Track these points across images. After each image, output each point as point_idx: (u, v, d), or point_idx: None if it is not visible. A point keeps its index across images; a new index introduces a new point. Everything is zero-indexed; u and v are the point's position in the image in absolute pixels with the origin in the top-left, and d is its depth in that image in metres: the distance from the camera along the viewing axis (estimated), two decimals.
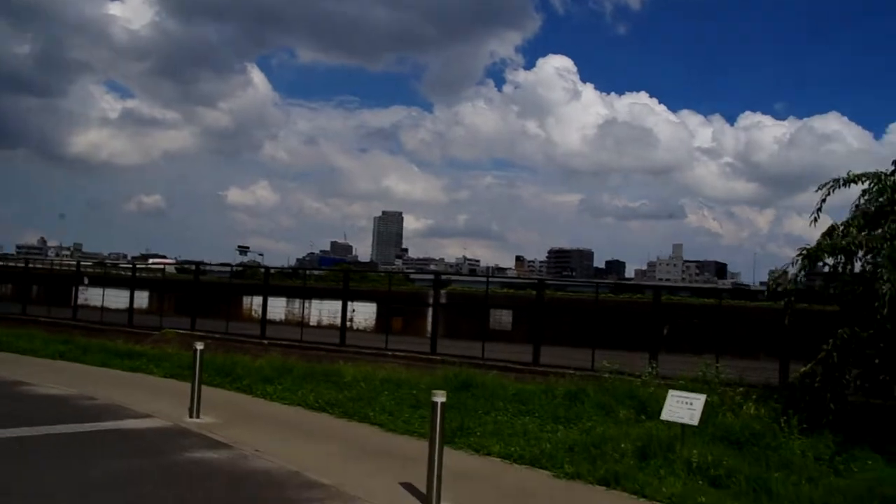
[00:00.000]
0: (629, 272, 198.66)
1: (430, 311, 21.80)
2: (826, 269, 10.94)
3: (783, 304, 10.66)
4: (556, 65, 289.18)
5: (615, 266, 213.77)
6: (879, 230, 9.67)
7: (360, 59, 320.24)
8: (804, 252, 9.98)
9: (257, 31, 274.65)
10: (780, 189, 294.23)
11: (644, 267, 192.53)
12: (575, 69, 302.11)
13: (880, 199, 9.98)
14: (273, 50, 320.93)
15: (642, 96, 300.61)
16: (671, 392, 8.41)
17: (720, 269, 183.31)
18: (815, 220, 10.68)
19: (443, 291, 23.77)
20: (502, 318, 25.23)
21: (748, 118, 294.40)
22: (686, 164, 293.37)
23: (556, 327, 18.23)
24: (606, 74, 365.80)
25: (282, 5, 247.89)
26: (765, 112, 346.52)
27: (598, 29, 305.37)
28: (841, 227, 10.30)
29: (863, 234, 9.58)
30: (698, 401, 8.06)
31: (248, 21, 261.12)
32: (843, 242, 9.69)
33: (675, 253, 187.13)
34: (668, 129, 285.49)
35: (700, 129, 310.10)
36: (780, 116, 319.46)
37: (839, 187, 10.58)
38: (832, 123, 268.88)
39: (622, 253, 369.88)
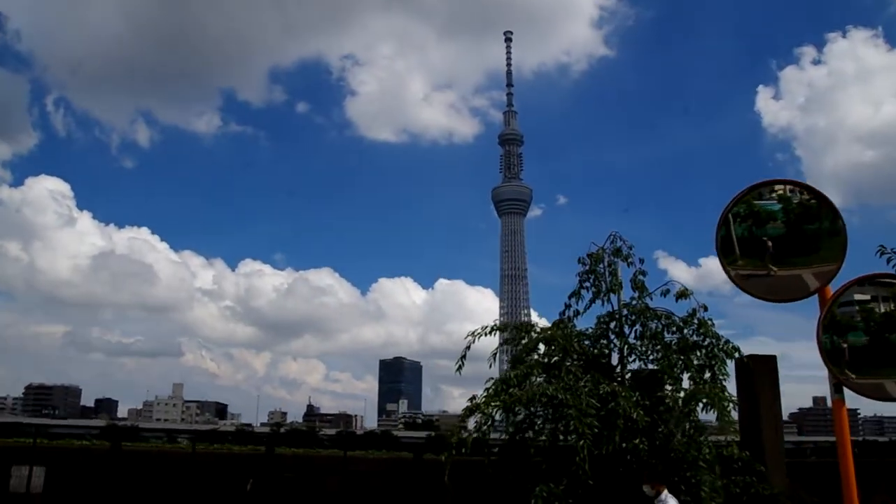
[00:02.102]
0: (122, 412, 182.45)
1: None
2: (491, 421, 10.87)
3: (443, 457, 10.05)
4: (50, 187, 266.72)
5: (106, 405, 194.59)
6: (556, 381, 10.01)
7: None
8: (496, 403, 9.68)
9: None
10: (278, 335, 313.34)
11: (140, 406, 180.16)
12: (71, 194, 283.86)
13: (550, 349, 10.50)
14: None
15: (144, 232, 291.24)
16: None
17: (221, 410, 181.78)
18: (460, 367, 10.84)
19: None
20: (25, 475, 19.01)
21: (249, 265, 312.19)
22: (186, 304, 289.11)
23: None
24: (107, 205, 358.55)
25: None
26: (265, 261, 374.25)
27: (103, 158, 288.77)
28: (513, 377, 10.41)
29: (552, 386, 9.75)
30: None
31: None
32: (529, 394, 9.71)
33: (176, 392, 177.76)
34: (168, 268, 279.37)
35: (202, 271, 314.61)
36: (278, 266, 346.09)
37: (485, 335, 10.97)
38: (326, 278, 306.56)
39: (114, 391, 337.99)
